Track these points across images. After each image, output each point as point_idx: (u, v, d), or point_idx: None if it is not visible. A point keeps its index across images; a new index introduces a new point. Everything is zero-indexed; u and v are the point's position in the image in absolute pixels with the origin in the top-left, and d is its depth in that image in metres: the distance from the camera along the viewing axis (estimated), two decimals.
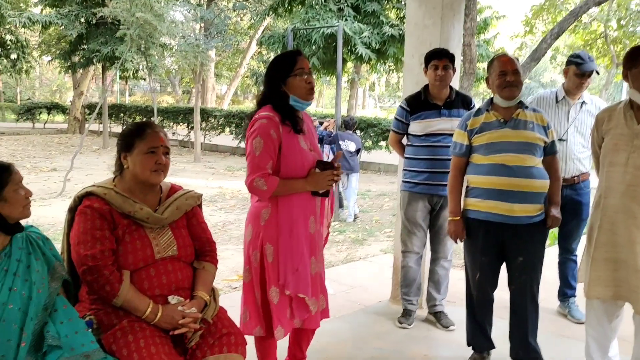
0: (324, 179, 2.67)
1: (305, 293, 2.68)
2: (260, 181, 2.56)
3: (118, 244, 2.22)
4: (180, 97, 37.62)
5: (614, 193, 2.84)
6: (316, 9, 12.27)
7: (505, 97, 3.02)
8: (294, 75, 2.65)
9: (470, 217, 3.11)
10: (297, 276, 2.66)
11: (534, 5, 22.05)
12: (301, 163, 2.66)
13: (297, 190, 2.66)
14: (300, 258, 2.67)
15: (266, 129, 2.58)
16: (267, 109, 2.66)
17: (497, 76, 3.02)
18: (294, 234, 2.65)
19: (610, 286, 2.87)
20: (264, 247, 2.66)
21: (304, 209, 2.70)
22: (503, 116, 3.04)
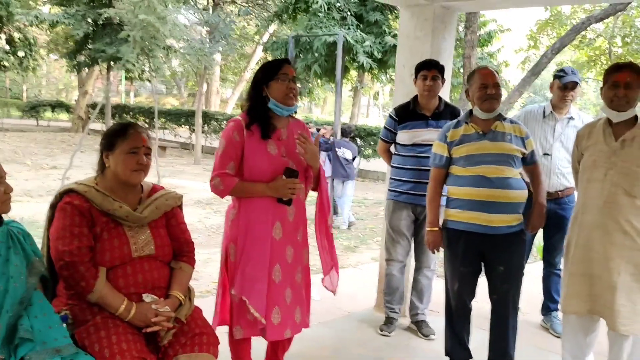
0: (283, 186, 2.69)
1: (247, 296, 2.64)
2: (217, 180, 2.66)
3: (96, 241, 2.26)
4: (185, 100, 37.76)
5: (591, 209, 2.87)
6: (319, 17, 12.34)
7: (485, 110, 3.05)
8: (276, 79, 2.71)
9: (450, 227, 3.14)
10: (243, 277, 2.66)
11: (539, 20, 22.14)
12: (265, 167, 2.69)
13: (257, 194, 2.70)
14: (252, 260, 2.68)
15: (229, 132, 2.69)
16: (242, 113, 2.77)
17: (477, 88, 3.04)
18: (249, 236, 2.69)
19: (586, 301, 2.90)
20: (229, 246, 2.74)
21: (267, 213, 2.71)
22: (482, 128, 3.07)
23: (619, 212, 2.78)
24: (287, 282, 2.79)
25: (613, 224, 2.79)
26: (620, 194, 2.78)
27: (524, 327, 4.17)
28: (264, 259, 2.70)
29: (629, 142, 2.80)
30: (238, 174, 2.70)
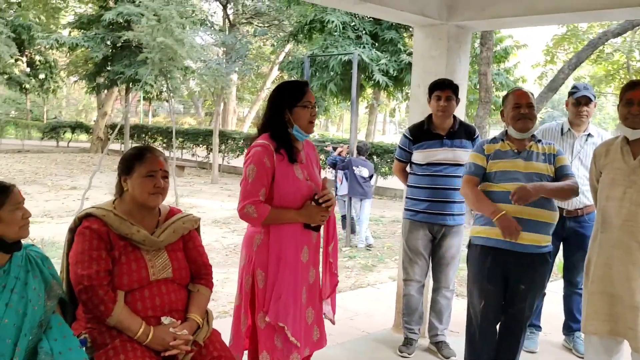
0: (316, 213, 2.68)
1: (284, 322, 2.64)
2: (251, 208, 2.59)
3: (114, 264, 2.28)
4: (203, 119, 38.11)
5: (610, 227, 2.84)
6: (335, 36, 12.44)
7: (519, 129, 3.09)
8: (302, 107, 2.69)
9: (478, 244, 3.12)
10: (278, 304, 2.64)
11: (556, 35, 22.07)
12: (294, 192, 2.67)
13: (289, 221, 2.67)
14: (285, 287, 2.66)
15: (260, 157, 2.62)
16: (264, 137, 2.70)
17: (511, 109, 3.11)
18: (281, 263, 2.65)
19: (606, 321, 2.85)
20: (256, 272, 2.68)
21: (296, 238, 2.69)
22: (517, 147, 3.11)
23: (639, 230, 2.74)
24: (310, 303, 2.80)
25: (634, 242, 2.75)
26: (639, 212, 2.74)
27: (545, 348, 4.13)
28: (296, 283, 2.69)
29: None
30: (268, 199, 2.66)
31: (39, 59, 23.42)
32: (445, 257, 3.78)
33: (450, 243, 3.77)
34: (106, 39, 17.59)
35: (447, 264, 3.78)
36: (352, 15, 12.70)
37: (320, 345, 2.89)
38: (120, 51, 17.67)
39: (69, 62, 23.64)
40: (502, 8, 3.74)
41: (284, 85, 2.82)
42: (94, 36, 17.58)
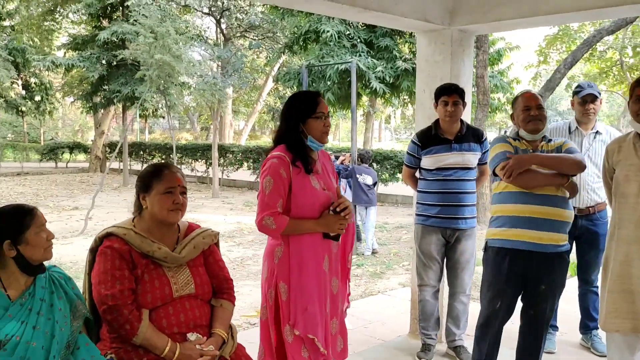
0: (335, 222, 2.69)
1: (314, 334, 2.63)
2: (269, 220, 2.59)
3: (137, 283, 2.28)
4: (199, 134, 38.16)
5: (627, 224, 2.84)
6: (330, 45, 12.48)
7: (529, 131, 3.10)
8: (316, 118, 2.70)
9: (495, 246, 3.11)
10: (305, 316, 2.63)
11: (548, 35, 22.19)
12: (312, 202, 2.68)
13: (307, 231, 2.66)
14: (310, 297, 2.65)
15: (276, 169, 2.62)
16: (280, 148, 2.71)
17: (521, 111, 3.12)
18: (304, 273, 2.65)
19: (627, 319, 2.85)
20: (278, 285, 2.67)
21: (316, 248, 2.69)
22: (532, 148, 3.12)
23: None
24: (334, 313, 2.79)
25: None
26: None
27: (563, 347, 4.12)
28: (320, 294, 2.69)
29: None
30: (285, 210, 2.65)
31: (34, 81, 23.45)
32: (460, 261, 3.78)
33: (464, 247, 3.76)
34: (101, 59, 17.62)
35: (463, 268, 3.78)
36: (346, 24, 12.76)
37: (344, 356, 2.89)
38: (116, 70, 17.70)
39: (64, 83, 23.68)
40: (504, 11, 3.76)
41: (297, 97, 2.83)
42: (89, 56, 17.61)
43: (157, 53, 8.47)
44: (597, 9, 3.40)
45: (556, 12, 3.51)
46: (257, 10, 17.80)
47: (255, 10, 17.74)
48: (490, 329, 3.18)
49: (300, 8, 3.70)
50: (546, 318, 3.12)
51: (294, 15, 13.42)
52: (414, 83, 13.24)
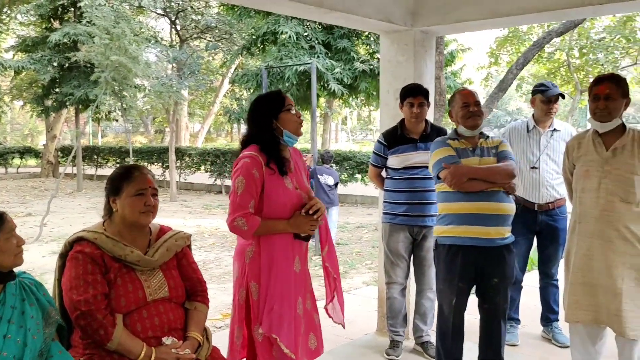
0: (306, 223, 2.69)
1: (277, 334, 2.60)
2: (241, 221, 2.57)
3: (110, 287, 2.24)
4: (153, 137, 37.49)
5: (588, 218, 2.95)
6: (288, 47, 12.46)
7: (469, 127, 3.19)
8: (286, 111, 2.72)
9: (446, 243, 3.18)
10: (271, 315, 2.61)
11: (498, 37, 22.77)
12: (284, 203, 2.67)
13: (279, 232, 2.66)
14: (278, 297, 2.64)
15: (249, 169, 2.60)
16: (252, 148, 2.69)
17: (460, 108, 3.21)
18: (273, 273, 2.64)
19: (589, 310, 2.96)
20: (249, 284, 2.66)
21: (287, 249, 2.69)
22: (471, 145, 3.21)
23: (618, 219, 2.86)
24: (306, 312, 2.81)
25: (612, 231, 2.87)
26: (616, 202, 2.87)
27: (525, 340, 4.23)
28: (290, 295, 2.67)
29: (619, 150, 2.90)
30: (257, 211, 2.64)
31: None
32: (427, 258, 3.84)
33: (430, 244, 3.82)
34: (53, 61, 17.05)
35: (429, 265, 3.84)
36: (305, 25, 12.78)
37: (318, 353, 2.89)
38: (69, 72, 17.18)
39: (12, 86, 22.86)
40: (465, 12, 3.84)
41: (263, 97, 2.83)
42: (40, 58, 17.02)
43: (113, 54, 8.29)
44: (555, 11, 3.52)
45: (516, 14, 3.62)
46: (213, 11, 17.62)
47: (211, 12, 17.55)
48: (450, 325, 3.24)
49: (268, 9, 3.70)
50: (502, 310, 3.20)
51: (251, 16, 13.36)
52: (372, 84, 13.40)
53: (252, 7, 10.16)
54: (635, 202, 2.85)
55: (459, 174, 3.04)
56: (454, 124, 3.35)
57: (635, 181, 2.85)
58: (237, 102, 16.88)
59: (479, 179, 3.06)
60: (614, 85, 2.90)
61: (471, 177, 3.06)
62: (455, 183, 3.04)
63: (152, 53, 15.81)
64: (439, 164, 3.16)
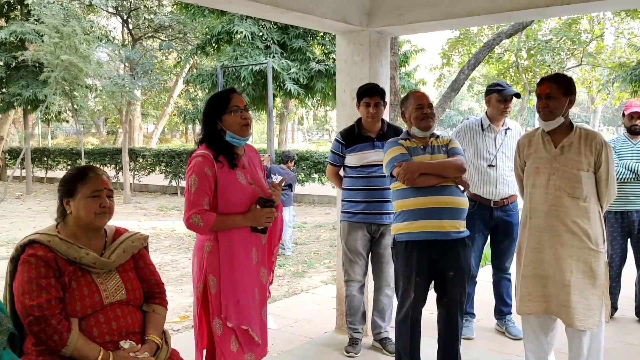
0: (262, 216, 2.76)
1: (248, 324, 2.72)
2: (197, 217, 2.63)
3: (65, 291, 2.18)
4: (106, 138, 36.63)
5: (538, 213, 3.05)
6: (243, 46, 12.40)
7: (422, 128, 3.30)
8: (229, 113, 2.76)
9: (402, 240, 3.24)
10: (238, 308, 2.70)
11: (450, 39, 23.23)
12: (239, 197, 2.73)
13: (236, 226, 2.73)
14: (242, 290, 2.73)
15: (201, 167, 2.67)
16: (202, 147, 2.76)
17: (414, 109, 3.31)
18: (234, 266, 2.71)
19: (540, 302, 3.07)
20: (208, 278, 2.72)
21: (245, 241, 2.76)
22: (422, 144, 3.31)
23: (565, 214, 2.97)
24: (262, 302, 2.89)
25: (561, 225, 2.98)
26: (564, 197, 2.98)
27: (480, 333, 4.34)
28: (251, 285, 2.76)
29: (567, 147, 3.01)
30: (213, 207, 2.70)
31: None
32: (384, 255, 3.89)
33: (388, 241, 3.87)
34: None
35: (387, 262, 3.89)
36: (260, 25, 12.73)
37: None
38: (16, 72, 16.53)
39: None
40: (418, 13, 3.91)
41: (213, 97, 2.91)
42: None
43: (63, 54, 8.06)
44: (502, 13, 3.62)
45: (468, 15, 3.70)
46: (166, 10, 17.35)
47: (164, 10, 17.27)
48: (409, 320, 3.30)
49: (223, 8, 3.68)
50: (459, 303, 3.27)
51: (205, 15, 13.22)
52: (328, 84, 13.45)
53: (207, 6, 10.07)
54: (582, 198, 2.97)
55: (411, 170, 3.13)
56: (407, 125, 3.43)
57: (582, 177, 2.96)
58: (192, 102, 16.65)
59: (430, 174, 3.14)
60: (555, 85, 3.01)
61: (423, 172, 3.14)
62: (407, 179, 3.12)
63: (103, 52, 15.44)
64: (391, 162, 3.25)
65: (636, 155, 4.45)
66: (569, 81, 3.05)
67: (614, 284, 4.60)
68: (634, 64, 15.69)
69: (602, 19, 21.27)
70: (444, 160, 3.22)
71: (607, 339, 4.10)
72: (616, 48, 21.82)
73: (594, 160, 2.99)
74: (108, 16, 19.19)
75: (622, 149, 4.51)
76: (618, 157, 4.47)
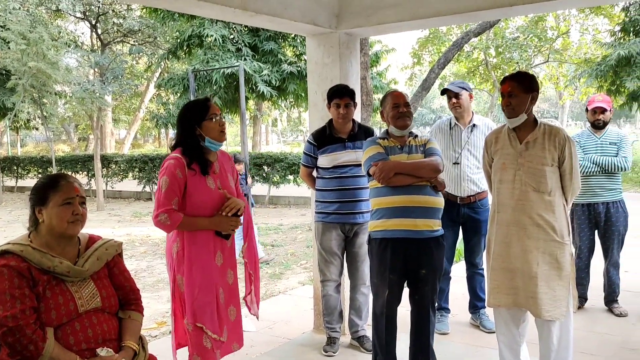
0: (226, 222, 2.92)
1: (202, 322, 2.84)
2: (164, 216, 2.79)
3: (39, 301, 2.18)
4: (77, 145, 36.12)
5: (505, 208, 3.15)
6: (214, 50, 12.36)
7: (399, 127, 3.36)
8: (209, 119, 2.92)
9: (377, 237, 3.30)
10: (194, 306, 2.84)
11: (420, 38, 23.47)
12: (205, 202, 2.88)
13: (201, 228, 2.88)
14: (200, 289, 2.86)
15: (172, 169, 2.82)
16: (177, 151, 2.90)
17: (390, 109, 3.39)
18: (194, 267, 2.86)
19: (509, 294, 3.15)
20: (177, 277, 2.88)
21: (209, 244, 2.90)
22: (400, 143, 3.36)
23: (531, 208, 3.07)
24: (231, 302, 3.02)
25: (527, 219, 3.07)
26: (530, 191, 3.07)
27: (456, 328, 4.42)
28: (211, 284, 2.89)
29: (531, 143, 3.10)
30: (181, 208, 2.84)
31: None
32: (359, 254, 3.94)
33: (362, 240, 3.93)
34: None
35: (362, 260, 3.94)
36: (230, 28, 12.70)
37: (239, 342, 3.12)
38: None
39: None
40: (386, 15, 3.96)
41: (190, 104, 3.05)
42: None
43: (30, 60, 7.94)
44: (468, 13, 3.69)
45: (434, 16, 3.77)
46: (135, 14, 17.17)
47: (133, 15, 17.10)
48: (384, 318, 3.35)
49: (192, 12, 3.69)
50: (430, 300, 3.34)
51: (175, 19, 13.14)
52: (300, 86, 13.48)
53: (176, 11, 10.02)
54: (546, 192, 3.06)
55: (387, 169, 3.19)
56: (384, 124, 3.48)
57: (546, 172, 3.05)
58: (164, 106, 16.51)
59: (405, 173, 3.20)
60: (515, 83, 3.10)
61: (398, 171, 3.20)
62: (383, 178, 3.18)
63: (72, 58, 15.24)
64: (368, 161, 3.32)
65: (600, 148, 4.58)
66: (530, 79, 3.12)
67: (583, 275, 4.73)
68: (599, 60, 16.04)
69: (568, 16, 21.74)
70: (420, 161, 3.28)
71: (578, 329, 4.23)
72: (582, 44, 22.30)
73: (557, 155, 3.07)
74: (76, 21, 18.93)
75: (587, 143, 4.63)
76: (583, 151, 4.60)
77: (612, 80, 14.88)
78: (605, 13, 18.94)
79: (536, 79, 3.21)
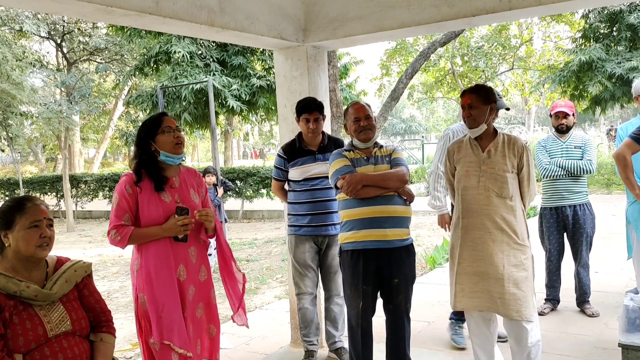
0: (175, 224, 2.85)
1: (169, 339, 2.79)
2: (113, 232, 2.82)
3: (6, 327, 2.13)
4: (45, 166, 35.46)
5: (470, 213, 3.23)
6: (183, 66, 12.31)
7: (362, 140, 3.41)
8: (162, 133, 2.92)
9: (349, 249, 3.32)
10: (159, 323, 2.79)
11: (388, 49, 23.76)
12: (160, 215, 2.85)
13: (154, 237, 2.84)
14: (164, 305, 2.81)
15: (122, 186, 2.86)
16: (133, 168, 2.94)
17: (352, 122, 3.43)
18: (154, 283, 2.82)
19: (473, 298, 3.23)
20: (139, 296, 2.84)
21: (168, 257, 2.85)
22: (365, 155, 3.41)
23: (495, 212, 3.16)
24: (189, 318, 2.92)
25: (491, 223, 3.16)
26: (493, 197, 3.17)
27: (429, 333, 4.44)
28: (175, 300, 2.83)
29: (493, 151, 3.22)
30: (135, 224, 2.84)
31: None
32: (332, 265, 3.94)
33: (335, 251, 3.92)
34: None
35: (335, 271, 3.94)
36: (198, 44, 12.67)
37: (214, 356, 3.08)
38: None
39: None
40: (352, 28, 4.00)
41: (145, 121, 3.07)
42: None
43: None
44: (432, 24, 3.75)
45: (399, 27, 3.81)
46: (101, 32, 17.00)
47: (99, 33, 16.93)
48: (360, 328, 3.35)
49: (158, 29, 3.67)
50: (404, 309, 3.37)
51: (142, 36, 13.05)
52: (270, 99, 13.48)
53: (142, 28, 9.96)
54: (508, 197, 3.17)
55: (354, 182, 3.21)
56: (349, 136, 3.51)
57: (507, 178, 3.17)
58: (133, 124, 16.34)
59: (373, 185, 3.23)
60: (474, 96, 3.21)
61: (365, 184, 3.22)
62: (351, 190, 3.21)
63: (37, 78, 15.00)
64: (336, 174, 3.33)
65: (566, 152, 4.69)
66: (487, 91, 3.25)
67: (554, 277, 4.81)
68: (562, 66, 16.43)
69: (530, 24, 22.24)
70: (386, 172, 3.31)
71: (551, 331, 4.30)
72: (544, 51, 22.82)
73: (517, 163, 3.20)
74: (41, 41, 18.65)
75: (553, 148, 4.73)
76: (550, 155, 4.69)
77: (575, 85, 15.25)
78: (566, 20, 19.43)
79: (494, 90, 3.34)
